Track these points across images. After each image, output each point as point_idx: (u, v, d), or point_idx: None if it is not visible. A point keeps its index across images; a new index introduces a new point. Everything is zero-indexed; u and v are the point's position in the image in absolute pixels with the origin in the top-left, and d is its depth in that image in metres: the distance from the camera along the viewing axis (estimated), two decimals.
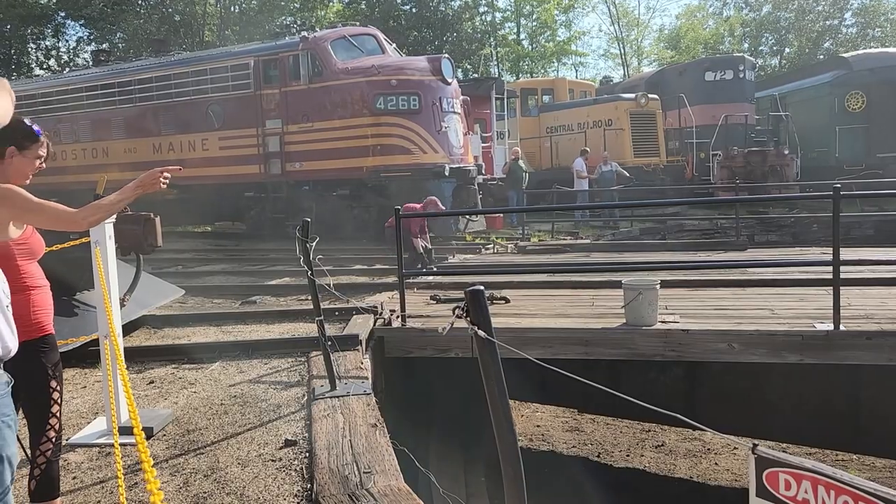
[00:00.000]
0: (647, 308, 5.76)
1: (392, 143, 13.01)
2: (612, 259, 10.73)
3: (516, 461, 1.74)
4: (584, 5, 44.01)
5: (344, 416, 3.98)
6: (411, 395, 6.74)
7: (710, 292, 7.33)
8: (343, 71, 13.55)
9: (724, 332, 5.54)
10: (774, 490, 1.44)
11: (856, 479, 1.34)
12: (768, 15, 45.77)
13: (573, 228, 15.91)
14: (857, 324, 5.47)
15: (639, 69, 42.21)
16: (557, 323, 6.15)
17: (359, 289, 8.78)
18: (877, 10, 44.24)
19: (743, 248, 11.63)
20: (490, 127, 18.75)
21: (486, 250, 12.56)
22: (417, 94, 13.34)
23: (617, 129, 18.96)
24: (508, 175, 16.99)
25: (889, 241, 13.07)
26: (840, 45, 42.43)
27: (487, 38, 37.10)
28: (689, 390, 6.77)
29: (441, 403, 6.85)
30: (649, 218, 15.94)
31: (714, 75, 20.37)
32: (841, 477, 1.35)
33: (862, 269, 7.15)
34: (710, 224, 15.23)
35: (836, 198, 5.42)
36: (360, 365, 5.04)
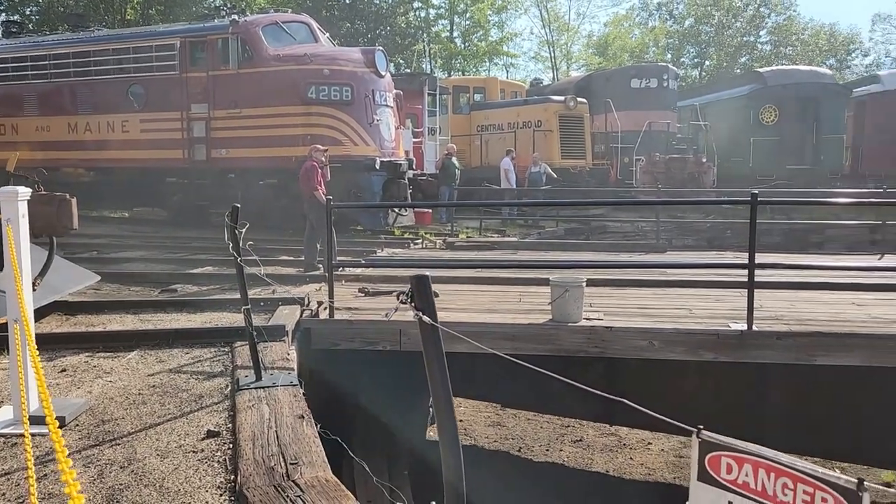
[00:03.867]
0: (572, 305, 5.89)
1: (323, 134, 12.78)
2: (537, 257, 10.91)
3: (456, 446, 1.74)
4: (517, 7, 44.57)
5: (270, 406, 3.90)
6: (336, 387, 6.67)
7: (633, 291, 7.55)
8: (274, 58, 13.25)
9: (645, 329, 5.72)
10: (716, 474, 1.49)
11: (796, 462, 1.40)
12: (691, 28, 47.53)
13: (500, 226, 16.08)
14: (769, 324, 5.74)
15: (568, 73, 43.06)
16: (486, 318, 6.20)
17: (286, 280, 8.60)
18: (789, 30, 46.62)
19: (663, 251, 12.04)
20: (422, 122, 18.72)
21: (414, 245, 12.55)
22: (350, 86, 13.17)
23: (546, 131, 19.27)
24: (442, 171, 17.02)
25: (795, 247, 13.80)
26: (756, 60, 44.49)
27: (421, 33, 37.05)
28: (610, 386, 6.94)
29: (366, 396, 6.80)
30: (574, 218, 16.27)
31: (639, 83, 20.98)
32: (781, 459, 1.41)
33: (773, 274, 7.50)
34: (632, 226, 15.68)
35: (754, 204, 5.67)
36: (286, 356, 4.95)
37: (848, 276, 7.84)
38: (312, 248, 9.19)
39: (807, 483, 1.34)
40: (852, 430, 6.50)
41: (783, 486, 1.39)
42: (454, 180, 16.52)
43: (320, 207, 8.03)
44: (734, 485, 1.47)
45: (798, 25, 47.27)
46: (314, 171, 9.29)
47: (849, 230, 14.24)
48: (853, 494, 1.29)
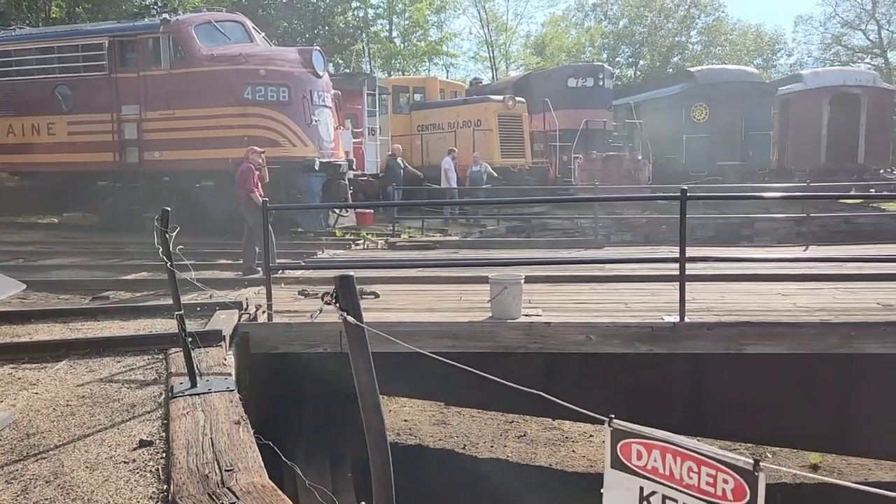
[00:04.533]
0: (511, 302, 5.95)
1: (260, 135, 12.58)
2: (479, 256, 10.99)
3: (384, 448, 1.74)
4: (456, 7, 44.79)
5: (205, 413, 3.83)
6: (278, 391, 6.59)
7: (571, 287, 7.68)
8: (208, 57, 12.98)
9: (582, 324, 5.83)
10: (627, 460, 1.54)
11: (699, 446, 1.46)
12: (625, 28, 48.64)
13: (442, 226, 16.14)
14: (700, 316, 5.92)
15: (507, 72, 43.45)
16: (426, 317, 6.21)
17: (224, 284, 8.46)
18: (718, 30, 48.18)
19: (601, 246, 12.29)
20: (361, 123, 18.63)
21: (355, 246, 12.49)
22: (287, 86, 13.01)
23: (485, 130, 19.41)
24: (386, 172, 17.01)
25: (727, 241, 14.28)
26: (687, 59, 45.83)
27: (359, 33, 36.83)
28: (551, 381, 7.05)
29: (308, 399, 6.74)
30: (515, 217, 16.45)
31: (576, 82, 21.32)
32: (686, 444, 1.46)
33: (704, 267, 7.73)
34: (571, 223, 15.95)
35: (684, 199, 5.84)
36: (223, 361, 4.87)
37: (775, 268, 8.15)
38: (251, 251, 9.05)
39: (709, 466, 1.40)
40: (781, 415, 6.75)
41: (689, 470, 1.45)
42: (399, 181, 16.55)
43: (257, 210, 7.91)
44: (644, 470, 1.52)
45: (726, 26, 48.88)
46: (250, 172, 9.16)
47: (777, 223, 14.81)
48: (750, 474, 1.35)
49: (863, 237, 14.26)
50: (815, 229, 13.38)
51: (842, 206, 16.98)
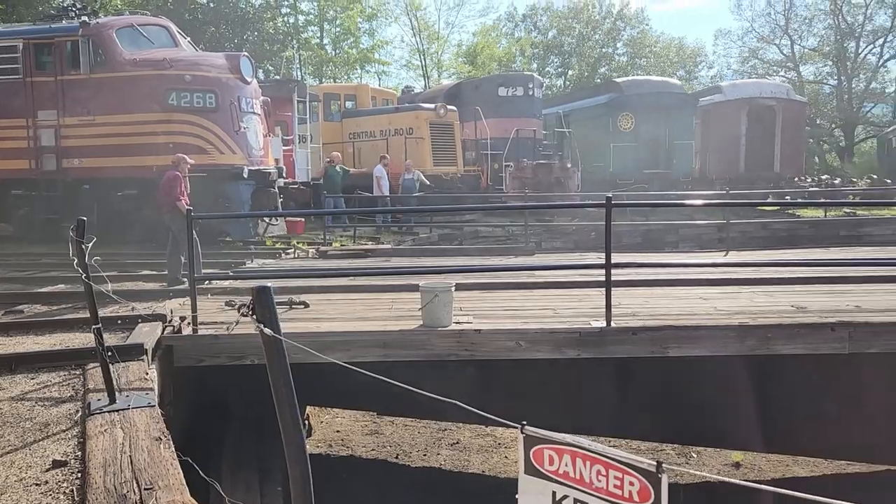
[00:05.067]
0: (442, 310, 5.97)
1: (186, 142, 12.26)
2: (411, 264, 10.98)
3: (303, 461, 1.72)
4: (387, 16, 44.76)
5: (124, 430, 3.69)
6: (204, 405, 6.42)
7: (501, 294, 7.76)
8: (130, 62, 12.57)
9: (512, 331, 5.89)
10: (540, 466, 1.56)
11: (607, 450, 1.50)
12: (554, 39, 49.66)
13: (374, 234, 16.06)
14: (626, 320, 6.07)
15: (439, 81, 43.70)
16: (357, 326, 6.16)
17: (147, 295, 8.17)
18: (643, 43, 49.74)
19: (531, 254, 12.45)
20: (292, 130, 18.39)
21: (286, 255, 12.29)
22: (214, 92, 12.73)
23: (417, 138, 19.44)
24: (325, 180, 16.84)
25: (654, 247, 14.71)
26: (614, 70, 47.14)
27: (290, 40, 36.36)
28: (484, 388, 7.10)
29: (236, 412, 6.59)
30: (447, 224, 16.52)
31: (507, 91, 21.62)
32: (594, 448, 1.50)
33: (630, 272, 7.94)
34: (503, 231, 16.12)
35: (608, 207, 5.99)
36: (144, 376, 4.70)
37: (697, 273, 8.43)
38: (176, 262, 8.79)
39: (616, 469, 1.44)
40: (705, 415, 6.98)
41: (598, 473, 1.49)
42: (338, 189, 16.42)
43: (183, 219, 7.70)
44: (556, 475, 1.56)
45: (651, 38, 50.49)
46: (177, 181, 8.93)
47: (700, 230, 15.35)
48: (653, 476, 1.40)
49: (779, 242, 14.93)
50: (735, 235, 13.91)
51: (760, 213, 17.74)
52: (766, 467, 8.06)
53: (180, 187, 8.89)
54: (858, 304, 6.74)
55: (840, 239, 15.41)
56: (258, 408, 6.21)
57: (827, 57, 45.84)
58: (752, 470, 8.01)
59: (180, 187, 8.89)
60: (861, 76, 45.07)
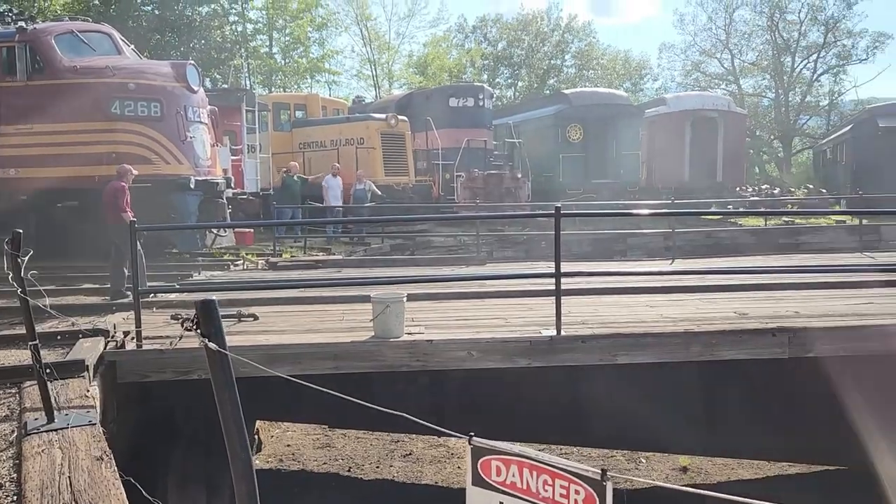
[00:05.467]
0: (394, 321, 5.94)
1: (130, 152, 11.96)
2: (362, 274, 10.92)
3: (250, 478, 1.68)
4: (338, 25, 44.59)
5: (63, 450, 3.56)
6: (149, 422, 6.24)
7: (453, 304, 7.77)
8: (71, 70, 12.22)
9: (463, 340, 5.91)
10: (487, 477, 1.56)
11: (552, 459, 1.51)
12: (504, 50, 50.19)
13: (325, 245, 15.93)
14: (575, 329, 6.14)
15: (390, 91, 43.69)
16: (307, 339, 6.09)
17: (90, 309, 7.92)
18: (590, 55, 50.70)
19: (483, 263, 12.51)
20: (240, 139, 18.13)
21: (234, 267, 12.09)
22: (159, 101, 12.46)
23: (368, 148, 19.39)
24: (282, 190, 16.66)
25: (603, 255, 14.95)
26: (562, 81, 47.90)
27: (238, 48, 35.88)
28: (436, 398, 7.10)
29: (183, 429, 6.43)
30: (399, 234, 16.49)
31: (457, 102, 21.75)
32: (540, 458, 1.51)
33: (579, 281, 8.04)
34: (455, 240, 16.17)
35: (558, 217, 6.07)
36: (85, 393, 4.55)
37: (644, 281, 8.59)
38: (119, 275, 8.56)
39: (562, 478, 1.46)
40: (653, 421, 7.09)
41: (544, 483, 1.50)
42: (297, 199, 16.26)
43: (126, 230, 7.50)
44: (504, 486, 1.57)
45: (598, 51, 51.49)
46: (122, 191, 8.71)
47: (647, 238, 15.66)
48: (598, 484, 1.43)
49: (723, 250, 15.33)
50: (680, 243, 14.25)
51: (704, 222, 18.20)
52: (713, 471, 8.24)
53: (124, 198, 8.68)
54: (797, 310, 6.97)
55: (780, 247, 15.92)
56: (206, 424, 6.07)
57: (765, 71, 47.51)
58: (699, 474, 8.17)
59: (124, 198, 8.68)
60: (797, 90, 46.84)
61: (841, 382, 6.87)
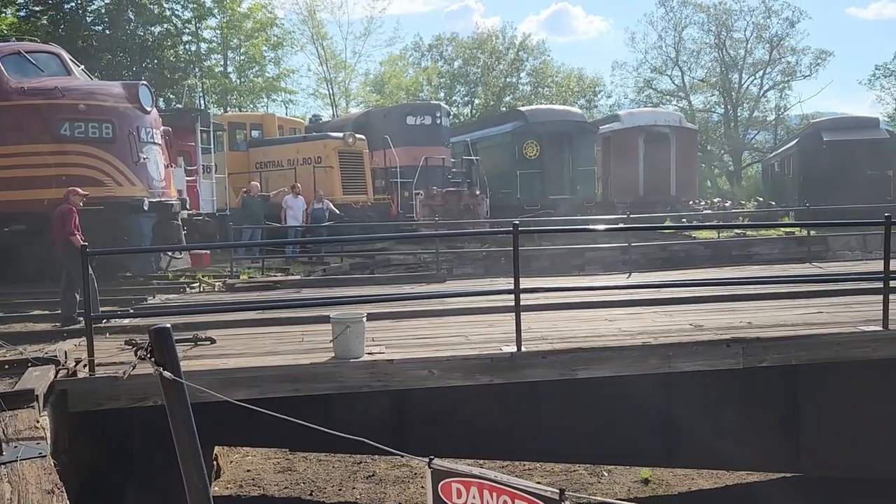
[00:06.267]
0: (354, 341, 5.91)
1: (81, 174, 11.70)
2: (322, 294, 10.83)
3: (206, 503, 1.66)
4: (293, 44, 44.41)
5: (12, 484, 3.44)
6: (103, 451, 6.08)
7: (413, 322, 7.76)
8: (17, 91, 11.94)
9: (424, 359, 5.90)
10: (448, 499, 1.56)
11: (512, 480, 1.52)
12: (460, 69, 50.64)
13: (284, 265, 15.77)
14: (536, 345, 6.18)
15: (347, 109, 43.65)
16: (266, 361, 6.02)
17: (39, 336, 7.70)
18: (545, 73, 51.48)
19: (442, 281, 12.53)
20: (195, 160, 17.89)
21: (191, 289, 11.88)
22: (111, 122, 12.25)
23: (326, 167, 19.31)
24: (242, 209, 16.44)
25: (561, 270, 15.09)
26: (518, 99, 48.48)
27: (192, 68, 35.47)
28: (398, 418, 7.06)
29: (138, 458, 6.27)
30: (359, 253, 16.42)
31: (415, 120, 21.84)
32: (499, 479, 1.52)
33: (538, 297, 8.11)
34: (414, 258, 16.16)
35: (516, 233, 6.13)
36: (34, 424, 4.41)
37: (602, 295, 8.70)
38: (70, 300, 8.35)
39: (521, 498, 1.47)
40: (614, 434, 7.17)
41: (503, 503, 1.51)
42: (259, 219, 16.07)
43: (77, 254, 7.33)
44: None
45: (552, 69, 52.28)
46: (70, 214, 8.52)
47: (604, 252, 15.88)
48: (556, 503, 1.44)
49: (678, 263, 15.63)
50: (637, 257, 14.47)
51: (659, 236, 18.54)
52: (674, 482, 8.34)
53: (73, 221, 8.49)
54: (750, 320, 7.14)
55: (732, 258, 16.32)
56: (162, 451, 5.93)
57: (714, 87, 48.88)
58: (661, 485, 8.26)
59: (73, 221, 8.49)
60: (745, 105, 48.28)
61: (794, 391, 7.06)
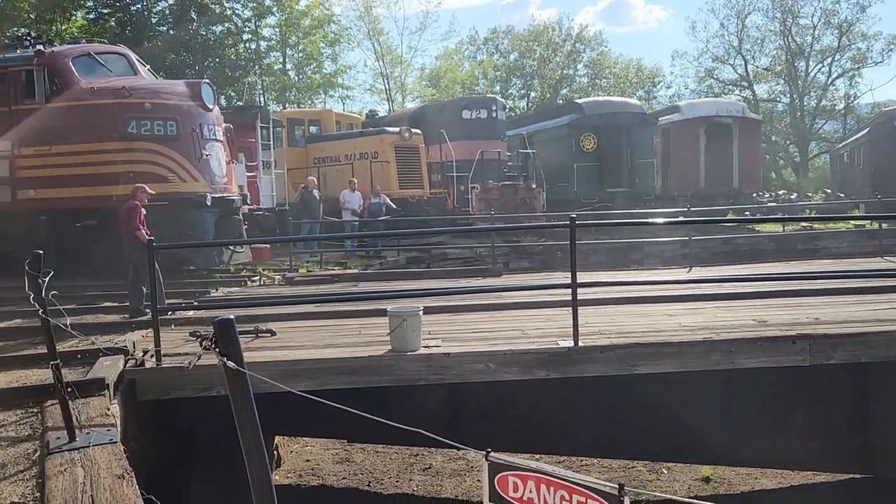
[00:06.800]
0: (411, 334, 5.95)
1: (146, 171, 12.10)
2: (379, 288, 10.93)
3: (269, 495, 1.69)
4: (350, 40, 44.90)
5: (85, 469, 3.59)
6: (169, 439, 6.27)
7: (470, 316, 7.76)
8: (88, 91, 12.40)
9: (481, 353, 5.89)
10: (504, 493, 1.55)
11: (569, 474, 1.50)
12: (516, 61, 50.30)
13: (342, 259, 15.98)
14: (593, 339, 6.11)
15: (403, 104, 43.89)
16: (325, 353, 6.11)
17: (109, 328, 8.01)
18: (602, 64, 50.68)
19: (499, 274, 12.50)
20: (255, 156, 18.28)
21: (251, 283, 12.16)
22: (175, 120, 12.61)
23: (383, 162, 19.47)
24: (300, 204, 16.75)
25: (619, 264, 14.87)
26: (575, 91, 47.88)
27: (252, 65, 36.24)
28: (455, 411, 7.07)
29: (203, 446, 6.45)
30: (415, 247, 16.51)
31: (470, 114, 21.79)
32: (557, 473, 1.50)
33: (596, 291, 8.00)
34: (471, 252, 16.15)
35: (573, 227, 6.06)
36: (105, 412, 4.59)
37: (661, 290, 8.54)
38: (137, 293, 8.64)
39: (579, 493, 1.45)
40: (673, 431, 7.02)
41: (561, 499, 1.49)
42: (316, 213, 16.34)
43: (143, 249, 7.58)
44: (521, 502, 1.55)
45: (610, 60, 51.45)
46: (136, 210, 8.83)
47: (663, 246, 15.56)
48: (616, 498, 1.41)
49: (740, 257, 15.21)
50: (697, 251, 14.13)
51: (721, 229, 18.07)
52: (736, 481, 8.13)
53: (140, 217, 8.79)
54: (817, 316, 6.89)
55: (798, 252, 15.76)
56: (226, 440, 6.09)
57: (779, 76, 47.24)
58: (722, 484, 8.07)
59: (140, 217, 8.79)
60: (812, 94, 46.52)
61: (863, 389, 6.79)
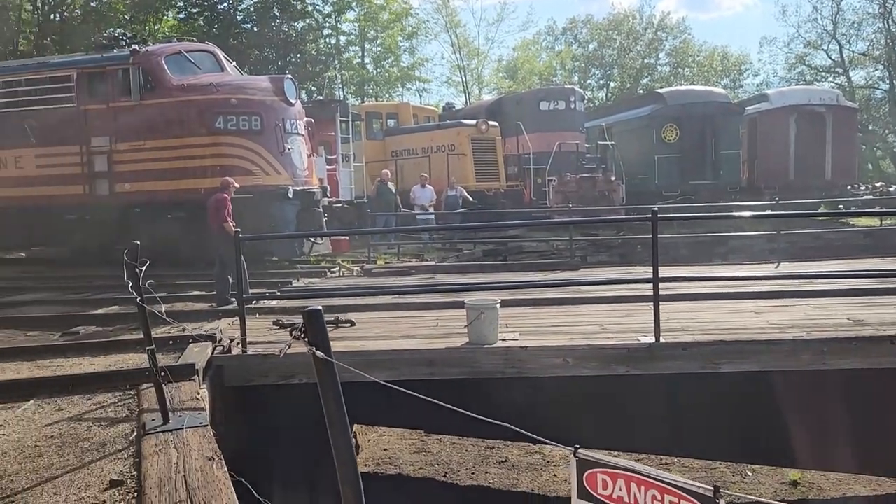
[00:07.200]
0: (488, 327, 5.95)
1: (232, 164, 12.55)
2: (456, 280, 10.98)
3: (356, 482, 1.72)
4: (427, 33, 45.20)
5: (178, 450, 3.75)
6: (254, 424, 6.48)
7: (547, 310, 7.69)
8: (178, 88, 12.94)
9: (559, 347, 5.83)
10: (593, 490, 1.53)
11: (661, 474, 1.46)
12: (595, 51, 49.44)
13: (419, 251, 16.12)
14: (675, 336, 5.95)
15: (479, 96, 43.86)
16: (403, 344, 6.18)
17: (197, 316, 8.35)
18: (686, 52, 49.15)
19: (577, 268, 12.33)
20: (335, 149, 18.64)
21: (331, 274, 12.42)
22: (259, 115, 13.01)
23: (459, 154, 19.51)
24: (377, 197, 17.02)
25: (702, 259, 14.42)
26: (656, 81, 46.65)
27: (332, 60, 36.98)
28: (531, 405, 7.02)
29: (285, 432, 6.64)
30: (491, 240, 16.48)
31: (548, 105, 21.54)
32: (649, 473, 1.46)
33: (677, 286, 7.79)
34: (548, 245, 16.01)
35: (655, 220, 5.90)
36: (196, 396, 4.78)
37: (747, 286, 8.23)
38: (224, 282, 8.96)
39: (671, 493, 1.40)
40: (759, 432, 6.77)
41: (653, 498, 1.45)
42: (392, 206, 16.56)
43: (230, 240, 7.85)
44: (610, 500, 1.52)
45: (693, 48, 49.89)
46: (225, 203, 9.14)
47: (749, 240, 14.98)
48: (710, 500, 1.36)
49: (833, 253, 14.48)
50: (785, 246, 13.55)
51: (812, 223, 17.26)
52: (826, 486, 7.78)
53: (227, 209, 9.09)
54: None
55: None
56: (307, 427, 6.25)
57: (878, 61, 44.58)
58: (811, 489, 7.73)
59: (227, 209, 9.09)
60: None
61: None
